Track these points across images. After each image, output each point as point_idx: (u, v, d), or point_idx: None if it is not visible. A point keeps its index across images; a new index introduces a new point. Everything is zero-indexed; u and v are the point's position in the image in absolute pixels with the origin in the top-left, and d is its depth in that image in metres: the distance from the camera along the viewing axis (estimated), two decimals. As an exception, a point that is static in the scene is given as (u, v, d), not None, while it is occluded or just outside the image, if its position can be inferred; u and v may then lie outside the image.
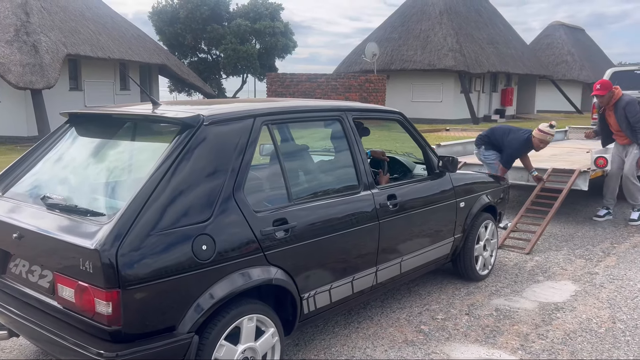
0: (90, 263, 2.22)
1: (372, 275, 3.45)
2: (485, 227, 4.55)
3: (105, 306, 2.21)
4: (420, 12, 26.13)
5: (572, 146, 9.06)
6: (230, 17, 27.47)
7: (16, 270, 2.72)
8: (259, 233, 2.69)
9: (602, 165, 6.21)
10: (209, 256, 2.47)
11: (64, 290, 2.37)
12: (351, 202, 3.26)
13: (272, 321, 2.78)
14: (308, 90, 17.92)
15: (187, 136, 2.59)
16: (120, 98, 18.82)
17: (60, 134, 3.22)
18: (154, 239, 2.31)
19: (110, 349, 2.24)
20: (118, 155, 3.08)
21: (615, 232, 6.10)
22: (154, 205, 2.35)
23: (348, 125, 3.42)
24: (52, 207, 2.58)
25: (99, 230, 2.28)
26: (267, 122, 2.95)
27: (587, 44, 39.52)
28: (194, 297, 2.43)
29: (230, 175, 2.65)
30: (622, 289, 4.39)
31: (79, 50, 15.81)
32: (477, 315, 3.88)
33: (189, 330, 2.40)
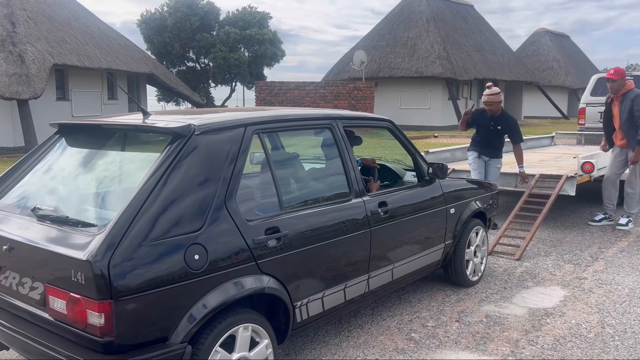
0: (82, 274, 2.21)
1: (364, 282, 3.45)
2: (475, 233, 4.57)
3: (97, 317, 2.20)
4: (408, 20, 26.34)
5: (559, 151, 9.14)
6: (220, 26, 27.49)
7: (6, 283, 2.69)
8: (251, 242, 2.69)
9: (589, 171, 6.27)
10: (201, 266, 2.46)
11: (56, 301, 2.35)
12: (342, 210, 3.27)
13: (265, 331, 2.77)
14: (297, 98, 17.94)
15: (178, 146, 2.59)
16: (108, 108, 18.71)
17: (49, 145, 3.21)
18: (146, 249, 2.31)
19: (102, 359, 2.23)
20: (108, 166, 3.08)
21: (603, 237, 6.14)
22: (146, 215, 2.35)
23: (338, 133, 3.43)
24: (42, 219, 2.58)
25: (90, 241, 2.27)
26: (258, 130, 2.96)
27: (572, 50, 40.02)
28: (187, 307, 2.42)
29: (222, 184, 2.65)
30: (611, 293, 4.42)
31: (65, 60, 15.72)
32: (467, 322, 3.88)
33: (182, 340, 2.40)
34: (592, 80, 11.79)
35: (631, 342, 3.56)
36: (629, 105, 6.19)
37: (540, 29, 38.33)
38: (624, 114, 6.23)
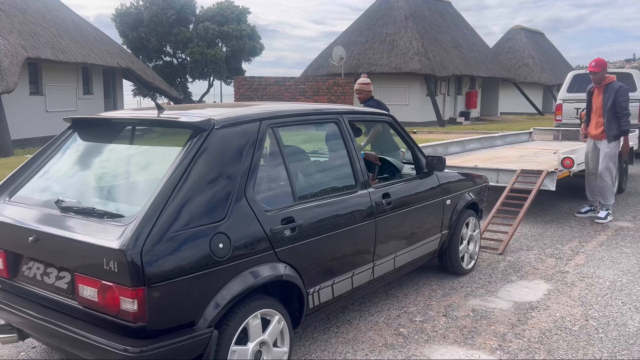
0: (115, 262, 2.29)
1: (370, 270, 3.60)
2: (468, 224, 4.75)
3: (130, 303, 2.29)
4: (386, 16, 26.40)
5: (537, 147, 9.26)
6: (197, 20, 27.15)
7: (29, 273, 2.77)
8: (269, 231, 2.81)
9: (569, 166, 6.36)
10: (225, 254, 2.57)
11: (85, 289, 2.44)
12: (350, 201, 3.41)
13: (282, 316, 2.88)
14: (276, 94, 17.85)
15: (200, 139, 2.69)
16: (83, 102, 18.37)
17: (64, 139, 3.27)
18: (175, 238, 2.40)
19: (136, 344, 2.30)
20: (126, 159, 3.16)
21: (582, 231, 6.25)
22: (173, 206, 2.44)
23: (345, 127, 3.58)
24: (66, 210, 2.66)
25: (121, 231, 2.36)
26: (272, 125, 3.08)
27: (547, 48, 40.63)
28: (213, 293, 2.53)
29: (241, 176, 2.77)
30: (593, 286, 4.49)
31: (39, 53, 15.37)
32: (454, 316, 3.90)
33: (209, 325, 2.50)
34: (568, 77, 11.99)
35: (615, 334, 3.62)
36: (614, 95, 6.32)
37: (516, 26, 38.81)
38: (607, 104, 6.36)
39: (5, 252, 2.87)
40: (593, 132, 6.68)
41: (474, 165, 6.80)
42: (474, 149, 8.80)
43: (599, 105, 6.54)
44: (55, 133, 15.57)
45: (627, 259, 5.20)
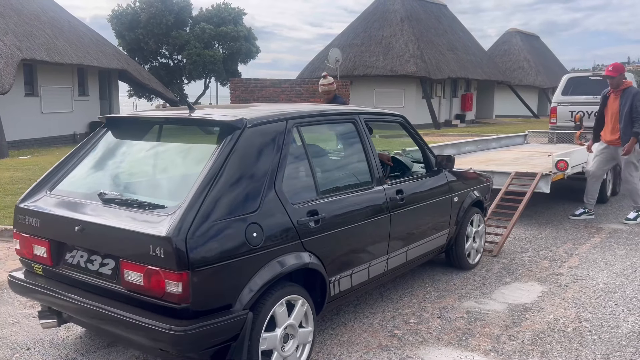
0: (161, 249, 2.50)
1: (384, 262, 3.82)
2: (474, 220, 4.96)
3: (175, 286, 2.50)
4: (382, 19, 26.47)
5: (532, 150, 9.31)
6: (194, 22, 27.13)
7: (73, 261, 2.96)
8: (296, 222, 3.01)
9: (563, 169, 6.39)
10: (258, 242, 2.78)
11: (130, 274, 2.64)
12: (367, 196, 3.63)
13: (307, 302, 3.08)
14: (272, 96, 17.86)
15: (234, 137, 2.90)
16: (78, 104, 18.32)
17: (99, 137, 3.47)
18: (215, 226, 2.61)
19: (180, 324, 2.50)
20: (163, 155, 3.39)
21: (577, 234, 6.28)
22: (212, 198, 2.64)
23: (361, 127, 3.81)
24: (108, 202, 2.87)
25: (165, 220, 2.57)
26: (297, 124, 3.29)
27: (542, 51, 40.80)
28: (247, 278, 2.74)
29: (271, 170, 2.97)
30: (586, 288, 4.52)
31: (34, 54, 15.33)
32: (448, 318, 3.91)
33: (244, 307, 2.70)
34: (563, 80, 12.04)
35: (608, 335, 3.65)
36: (630, 100, 6.34)
37: (511, 29, 38.95)
38: (624, 109, 6.38)
39: (50, 241, 3.03)
40: (609, 137, 6.67)
41: (469, 167, 6.83)
42: (469, 152, 8.84)
43: (615, 110, 6.55)
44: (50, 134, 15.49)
45: (620, 261, 5.23)
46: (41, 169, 10.31)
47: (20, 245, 3.22)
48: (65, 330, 3.71)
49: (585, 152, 7.35)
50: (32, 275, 3.19)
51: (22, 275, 3.22)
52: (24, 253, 3.21)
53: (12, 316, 3.96)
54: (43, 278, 3.12)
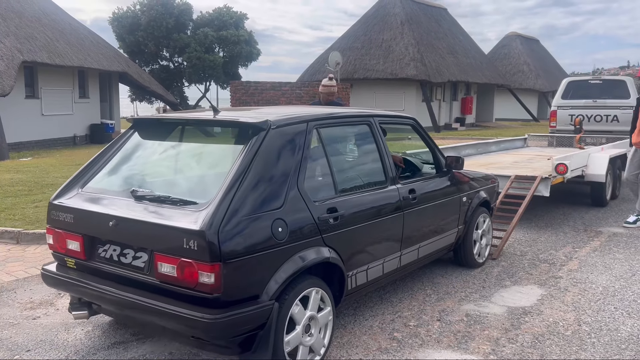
0: (194, 242, 2.65)
1: (397, 259, 3.96)
2: (482, 220, 5.13)
3: (208, 277, 2.64)
4: (382, 22, 26.50)
5: (532, 153, 9.32)
6: (195, 26, 27.12)
7: (106, 254, 3.09)
8: (317, 219, 3.16)
9: (563, 172, 6.41)
10: (283, 237, 2.93)
11: (164, 266, 2.78)
12: (382, 195, 3.79)
13: (327, 295, 3.23)
14: (272, 99, 17.88)
15: (259, 138, 3.05)
16: (79, 106, 18.33)
17: (127, 137, 3.63)
18: (244, 221, 2.76)
19: (211, 312, 2.65)
20: (191, 155, 3.60)
21: (576, 237, 6.29)
22: (240, 195, 2.79)
23: (376, 129, 3.98)
24: (140, 199, 3.02)
25: (197, 215, 2.72)
26: (317, 125, 3.45)
27: (542, 54, 40.85)
28: (273, 270, 2.88)
29: (294, 169, 3.12)
30: (586, 292, 4.53)
31: (35, 57, 15.34)
32: (448, 321, 3.92)
33: (270, 298, 2.84)
34: (563, 83, 12.06)
35: (607, 339, 3.65)
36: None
37: (511, 33, 39.01)
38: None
39: (83, 236, 3.17)
40: (635, 140, 6.70)
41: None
42: (469, 155, 8.85)
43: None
44: (51, 137, 15.47)
45: (619, 265, 5.24)
46: (42, 171, 10.32)
47: (54, 240, 3.35)
48: (65, 332, 3.71)
49: (585, 156, 7.37)
50: (64, 268, 3.33)
51: (55, 268, 3.35)
52: (57, 248, 3.34)
53: (13, 318, 3.97)
54: (75, 271, 3.26)
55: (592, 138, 10.22)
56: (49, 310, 4.11)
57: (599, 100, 11.38)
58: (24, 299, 4.33)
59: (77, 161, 12.23)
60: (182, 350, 3.45)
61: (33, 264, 5.18)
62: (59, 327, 3.82)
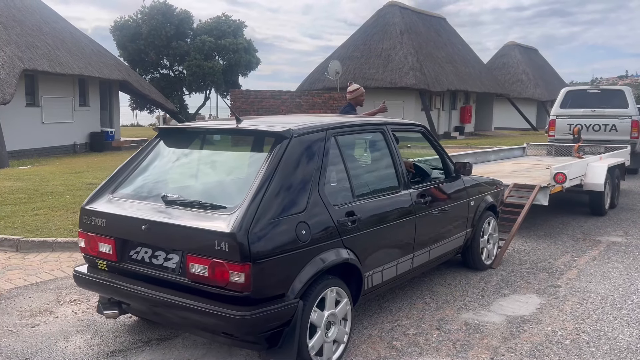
0: (226, 243, 2.82)
1: (410, 260, 4.13)
2: (488, 223, 5.30)
3: (238, 276, 2.81)
4: (382, 32, 26.64)
5: (531, 162, 9.35)
6: (194, 34, 27.24)
7: (137, 256, 3.25)
8: (337, 222, 3.32)
9: (561, 181, 6.43)
10: (306, 239, 3.09)
11: (195, 267, 2.94)
12: (396, 199, 3.96)
13: (346, 294, 3.39)
14: (272, 107, 17.93)
15: (283, 145, 3.22)
16: (79, 114, 18.38)
17: (153, 146, 3.81)
18: (270, 224, 2.93)
19: (242, 310, 2.81)
20: (216, 162, 3.81)
21: (575, 246, 6.30)
22: (267, 199, 2.96)
23: (389, 136, 4.15)
24: (170, 204, 3.19)
25: (227, 218, 2.89)
26: (334, 133, 3.63)
27: (541, 64, 41.01)
28: (297, 270, 3.05)
29: (314, 175, 3.29)
30: (584, 301, 4.53)
31: (36, 65, 15.41)
32: (447, 329, 3.92)
33: (295, 296, 3.01)
34: (561, 93, 12.12)
35: (606, 348, 3.66)
36: None
37: (510, 42, 39.20)
38: None
39: (115, 239, 3.32)
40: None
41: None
42: (468, 164, 8.86)
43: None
44: (51, 145, 15.48)
45: (618, 274, 5.25)
46: (41, 179, 10.33)
47: (85, 243, 3.49)
48: (64, 340, 3.72)
49: (583, 165, 7.39)
50: (96, 270, 3.47)
51: (86, 270, 3.50)
52: (89, 250, 3.49)
53: (12, 326, 3.97)
54: (107, 272, 3.40)
55: (591, 147, 10.25)
56: (48, 318, 4.11)
57: (597, 110, 11.44)
58: (23, 307, 4.33)
59: (76, 169, 12.25)
60: (181, 358, 3.45)
61: (32, 272, 5.19)
62: (58, 335, 3.82)
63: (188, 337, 3.77)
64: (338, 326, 3.35)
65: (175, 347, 3.63)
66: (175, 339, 3.75)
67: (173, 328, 3.79)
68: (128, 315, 4.14)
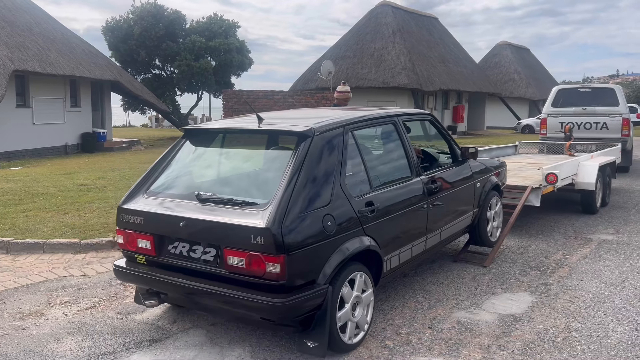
0: (261, 237, 3.04)
1: (424, 242, 4.41)
2: (493, 203, 5.61)
3: (274, 267, 3.05)
4: (374, 32, 26.67)
5: (523, 161, 9.38)
6: (186, 34, 27.11)
7: (175, 251, 3.46)
8: (358, 212, 3.55)
9: (553, 182, 6.45)
10: (332, 230, 3.32)
11: (232, 259, 3.17)
12: (409, 187, 4.21)
13: (368, 277, 3.65)
14: (265, 107, 17.90)
15: (306, 144, 3.43)
16: (70, 115, 18.28)
17: (180, 146, 4.01)
18: (300, 218, 3.15)
19: (279, 297, 3.06)
20: (244, 160, 4.08)
21: (566, 244, 6.32)
22: (296, 195, 3.18)
23: (400, 127, 4.39)
24: (204, 201, 3.40)
25: (262, 214, 3.12)
26: (351, 128, 3.84)
27: (533, 63, 41.20)
28: (326, 259, 3.29)
29: (336, 169, 3.50)
30: (576, 299, 4.55)
31: (26, 66, 15.30)
32: (439, 328, 3.93)
33: (325, 282, 3.26)
34: (553, 91, 12.18)
35: (597, 345, 3.67)
36: None
37: (502, 42, 39.36)
38: None
39: (153, 235, 3.53)
40: None
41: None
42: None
43: None
44: (42, 146, 15.35)
45: (609, 272, 5.27)
46: (32, 180, 10.27)
47: (124, 239, 3.70)
48: (54, 342, 3.69)
49: (575, 164, 7.42)
50: (134, 264, 3.68)
51: (125, 264, 3.73)
52: (127, 246, 3.69)
53: (2, 328, 3.94)
54: (146, 266, 3.62)
55: (582, 145, 10.31)
56: (38, 321, 4.08)
57: (588, 108, 11.50)
58: (13, 309, 4.30)
59: (68, 170, 12.18)
60: (173, 359, 3.44)
61: (23, 274, 5.15)
62: (48, 337, 3.79)
63: (180, 338, 3.76)
64: (362, 310, 3.60)
65: (166, 348, 3.62)
66: (167, 340, 3.73)
67: (208, 314, 4.01)
68: (120, 317, 4.12)
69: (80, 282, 4.95)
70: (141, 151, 19.01)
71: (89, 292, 4.70)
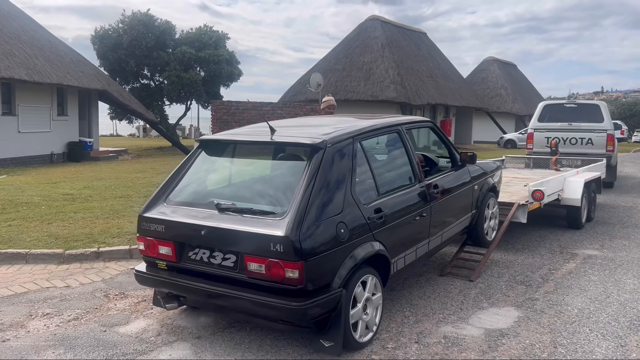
0: (280, 245, 3.22)
1: (427, 245, 4.66)
2: (490, 203, 5.88)
3: (292, 273, 3.23)
4: (363, 45, 26.87)
5: (509, 175, 9.44)
6: (175, 45, 27.08)
7: (196, 257, 3.63)
8: (368, 219, 3.75)
9: (539, 198, 6.50)
10: (345, 237, 3.51)
11: (252, 265, 3.35)
12: (413, 192, 4.43)
13: (377, 279, 3.86)
14: (254, 118, 17.88)
15: (319, 155, 3.61)
16: (57, 124, 18.13)
17: (195, 156, 4.19)
18: (316, 226, 3.33)
19: (296, 300, 3.25)
20: (259, 171, 4.25)
21: (552, 259, 6.36)
22: (311, 204, 3.35)
23: (404, 135, 4.63)
24: (223, 210, 3.57)
25: (279, 223, 3.30)
26: (359, 139, 4.02)
27: (519, 78, 41.72)
28: (339, 264, 3.48)
29: (347, 179, 3.69)
30: (561, 314, 4.57)
31: (13, 73, 15.16)
32: (426, 343, 3.92)
33: (339, 286, 3.46)
34: (539, 107, 12.33)
35: (582, 361, 3.68)
36: None
37: (489, 57, 39.83)
38: None
39: (174, 242, 3.69)
40: None
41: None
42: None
43: None
44: (27, 154, 15.20)
45: (594, 287, 5.30)
46: (16, 189, 10.13)
47: (145, 246, 3.86)
48: (35, 354, 3.62)
49: (561, 180, 7.49)
50: (155, 269, 3.86)
51: (145, 269, 3.89)
52: (148, 253, 3.85)
53: (-19, 340, 3.85)
54: (167, 271, 3.79)
55: (568, 160, 10.42)
56: (19, 333, 4.00)
57: (574, 124, 11.65)
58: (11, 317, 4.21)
59: (53, 179, 12.04)
60: (157, 374, 3.39)
61: (4, 285, 5.06)
62: (29, 349, 3.72)
63: (164, 351, 3.71)
64: (372, 312, 3.82)
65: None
66: (151, 353, 3.68)
67: (227, 317, 4.19)
68: (103, 330, 4.06)
69: (63, 293, 4.87)
70: (128, 161, 18.87)
71: (72, 303, 4.63)
